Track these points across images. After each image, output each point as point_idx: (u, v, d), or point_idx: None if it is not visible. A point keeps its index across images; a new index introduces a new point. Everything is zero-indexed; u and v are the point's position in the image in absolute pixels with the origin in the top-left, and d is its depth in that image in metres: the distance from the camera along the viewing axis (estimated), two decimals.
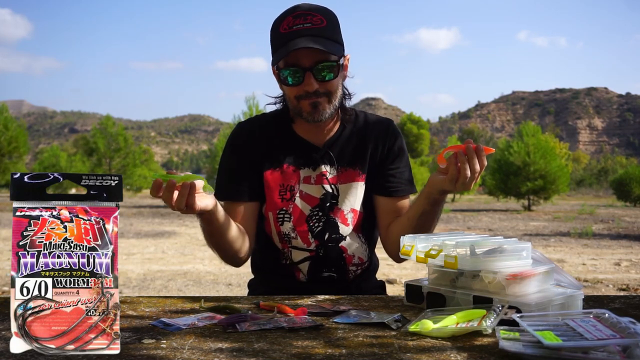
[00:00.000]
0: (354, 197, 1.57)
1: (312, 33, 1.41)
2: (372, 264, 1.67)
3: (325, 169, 1.56)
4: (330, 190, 1.56)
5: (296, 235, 1.56)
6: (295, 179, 1.56)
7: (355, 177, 1.58)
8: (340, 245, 1.57)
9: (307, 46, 1.37)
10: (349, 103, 1.61)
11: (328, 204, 1.56)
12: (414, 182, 1.65)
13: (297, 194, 1.56)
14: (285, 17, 1.44)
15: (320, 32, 1.41)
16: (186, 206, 1.22)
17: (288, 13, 1.44)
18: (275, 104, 1.62)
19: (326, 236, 1.56)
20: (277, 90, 1.59)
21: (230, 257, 1.54)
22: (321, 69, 1.43)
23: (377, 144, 1.60)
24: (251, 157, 1.57)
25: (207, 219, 1.37)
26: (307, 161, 1.57)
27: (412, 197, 1.64)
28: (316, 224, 1.56)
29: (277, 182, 1.56)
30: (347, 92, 1.58)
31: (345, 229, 1.57)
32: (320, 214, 1.55)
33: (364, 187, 1.59)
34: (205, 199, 1.29)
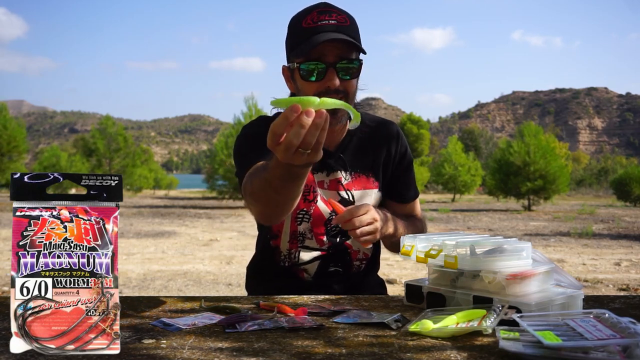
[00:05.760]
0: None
1: (337, 29, 1.38)
2: (375, 259, 1.68)
3: (340, 174, 1.55)
4: (346, 197, 1.55)
5: (312, 236, 1.55)
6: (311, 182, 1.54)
7: (369, 184, 1.58)
8: (345, 242, 1.58)
9: (336, 38, 1.34)
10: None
11: None
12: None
13: (318, 196, 1.54)
14: (310, 12, 1.42)
15: (344, 30, 1.39)
16: (316, 145, 0.94)
17: (312, 9, 1.43)
18: None
19: (338, 239, 1.57)
20: (276, 90, 1.55)
21: (285, 212, 1.31)
22: (344, 67, 1.39)
23: (390, 151, 1.61)
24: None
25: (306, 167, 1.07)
26: (321, 165, 1.53)
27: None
28: (334, 227, 1.56)
29: None
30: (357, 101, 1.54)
31: None
32: None
33: (378, 194, 1.59)
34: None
